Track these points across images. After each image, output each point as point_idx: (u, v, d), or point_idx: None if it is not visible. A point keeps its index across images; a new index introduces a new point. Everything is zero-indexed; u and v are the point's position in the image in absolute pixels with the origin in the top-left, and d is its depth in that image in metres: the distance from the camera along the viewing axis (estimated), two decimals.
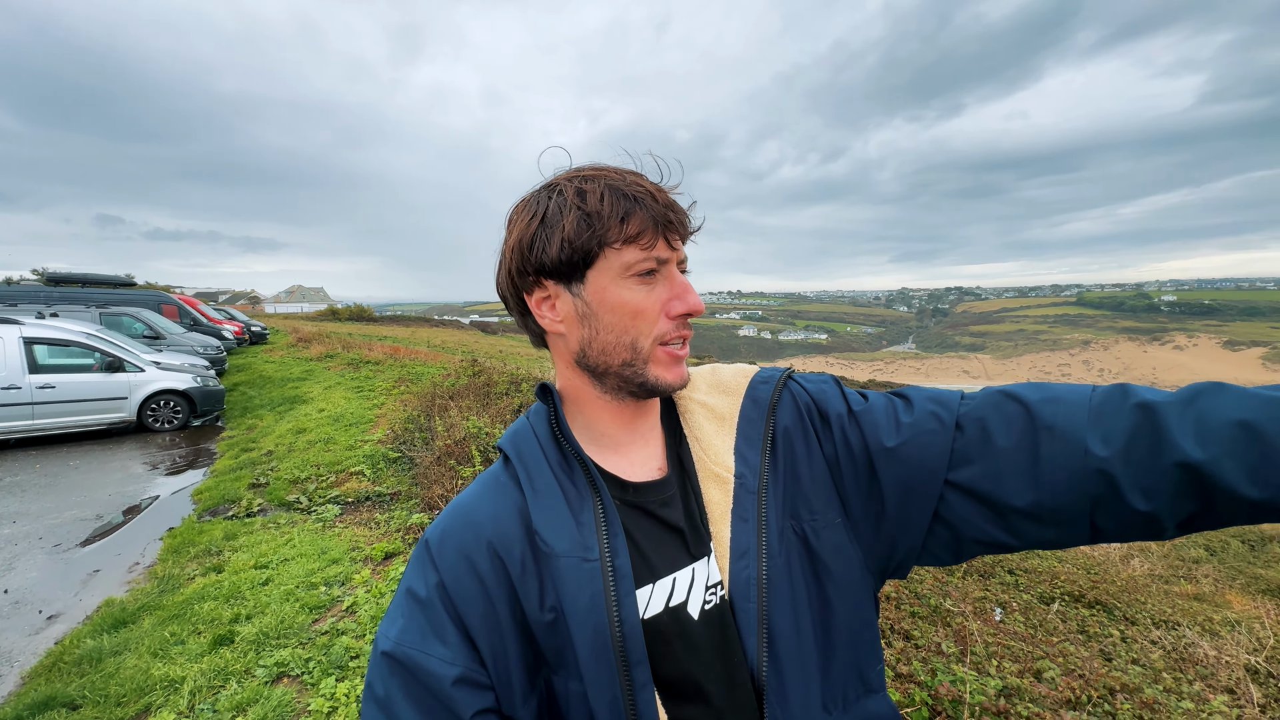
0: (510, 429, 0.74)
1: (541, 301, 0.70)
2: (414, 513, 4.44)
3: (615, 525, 0.65)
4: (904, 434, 0.67)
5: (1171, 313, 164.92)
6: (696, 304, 0.68)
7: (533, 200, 0.69)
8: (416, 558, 0.68)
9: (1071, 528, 0.60)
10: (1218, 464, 0.52)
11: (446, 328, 45.16)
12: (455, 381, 8.49)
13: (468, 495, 0.71)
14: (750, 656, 0.65)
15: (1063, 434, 0.59)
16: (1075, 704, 2.04)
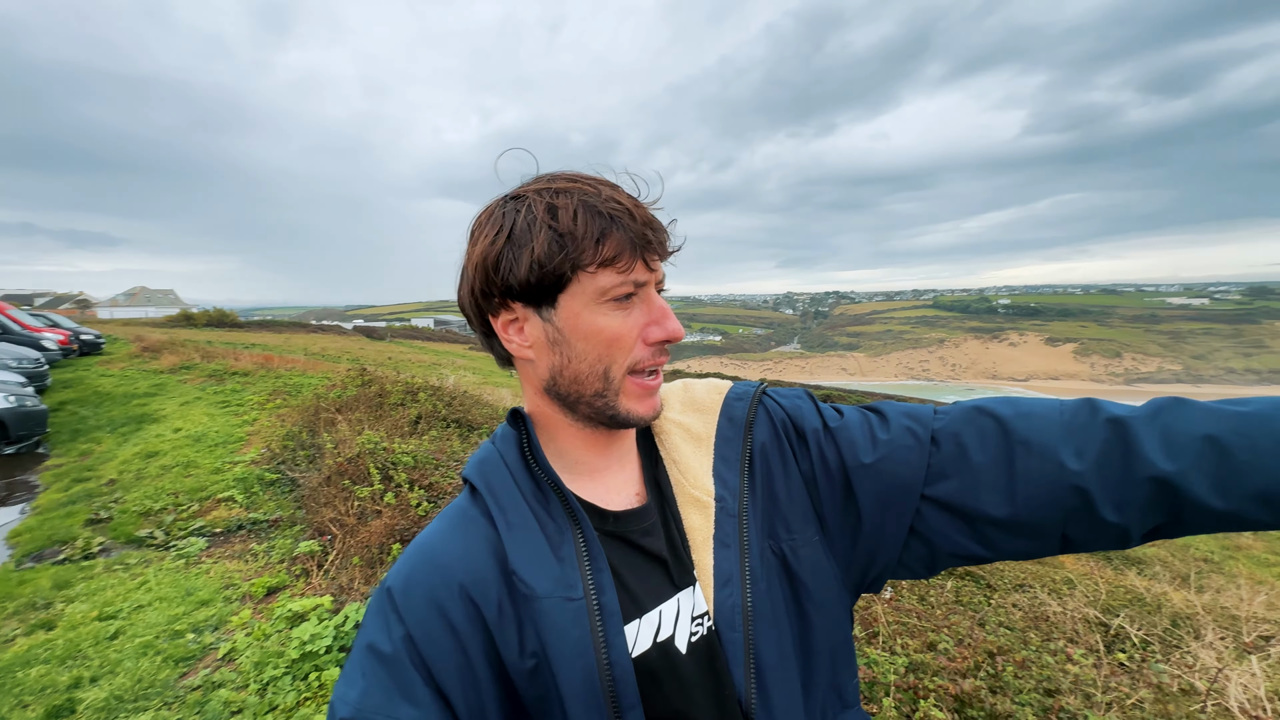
0: (475, 457, 0.68)
1: (508, 325, 0.64)
2: (301, 540, 4.01)
3: (599, 559, 0.61)
4: (880, 450, 0.67)
5: (1006, 314, 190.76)
6: (676, 330, 0.64)
7: (498, 213, 0.62)
8: (377, 609, 0.61)
9: (1044, 539, 0.62)
10: (1186, 477, 0.54)
11: (326, 334, 41.62)
12: (342, 392, 7.81)
13: (432, 534, 0.64)
14: (738, 687, 0.62)
15: (1038, 449, 0.61)
16: (968, 673, 2.25)
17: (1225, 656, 3.03)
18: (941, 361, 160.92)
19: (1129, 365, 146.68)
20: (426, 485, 4.03)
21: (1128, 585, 5.39)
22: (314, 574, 3.55)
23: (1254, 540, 14.68)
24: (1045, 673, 2.36)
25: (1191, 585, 6.42)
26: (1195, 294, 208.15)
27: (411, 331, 71.93)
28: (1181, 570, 7.82)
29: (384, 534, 3.53)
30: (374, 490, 3.94)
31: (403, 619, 0.58)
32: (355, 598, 3.12)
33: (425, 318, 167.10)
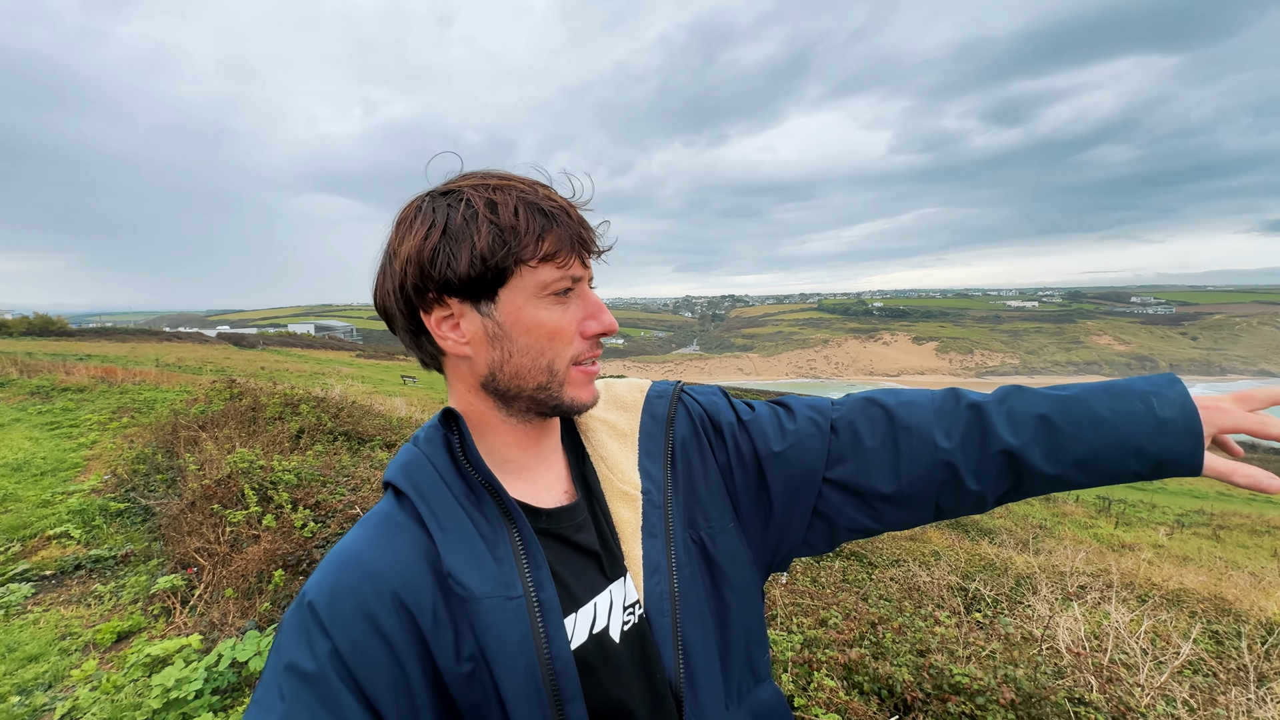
0: (398, 460, 0.66)
1: (442, 321, 0.63)
2: (160, 575, 3.54)
3: (538, 557, 0.61)
4: (789, 439, 0.74)
5: (880, 316, 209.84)
6: (611, 323, 0.66)
7: (427, 208, 0.61)
8: (296, 625, 0.57)
9: (921, 510, 0.72)
10: (1026, 449, 0.66)
11: (185, 342, 36.93)
12: (206, 407, 6.99)
13: (356, 542, 0.61)
14: (668, 670, 0.66)
15: (918, 431, 0.71)
16: (854, 642, 2.47)
17: (1055, 606, 3.55)
18: (826, 360, 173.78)
19: (979, 360, 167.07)
20: (313, 504, 3.72)
21: (982, 553, 6.14)
22: (177, 612, 3.16)
23: (1075, 508, 17.27)
24: (918, 635, 2.65)
25: (1030, 549, 7.44)
26: (1028, 297, 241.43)
27: (289, 339, 65.71)
28: (1022, 537, 9.05)
29: (263, 561, 3.21)
30: (250, 513, 3.58)
31: (328, 633, 0.55)
32: (230, 633, 2.81)
33: (305, 323, 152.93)
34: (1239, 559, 10.60)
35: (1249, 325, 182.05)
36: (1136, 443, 0.64)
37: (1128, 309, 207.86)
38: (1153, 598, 4.63)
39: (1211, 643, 3.78)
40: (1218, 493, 25.65)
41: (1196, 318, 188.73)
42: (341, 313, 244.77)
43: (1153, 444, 0.64)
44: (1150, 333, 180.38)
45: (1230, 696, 2.65)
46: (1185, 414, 0.63)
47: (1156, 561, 8.21)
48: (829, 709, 1.87)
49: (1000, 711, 1.97)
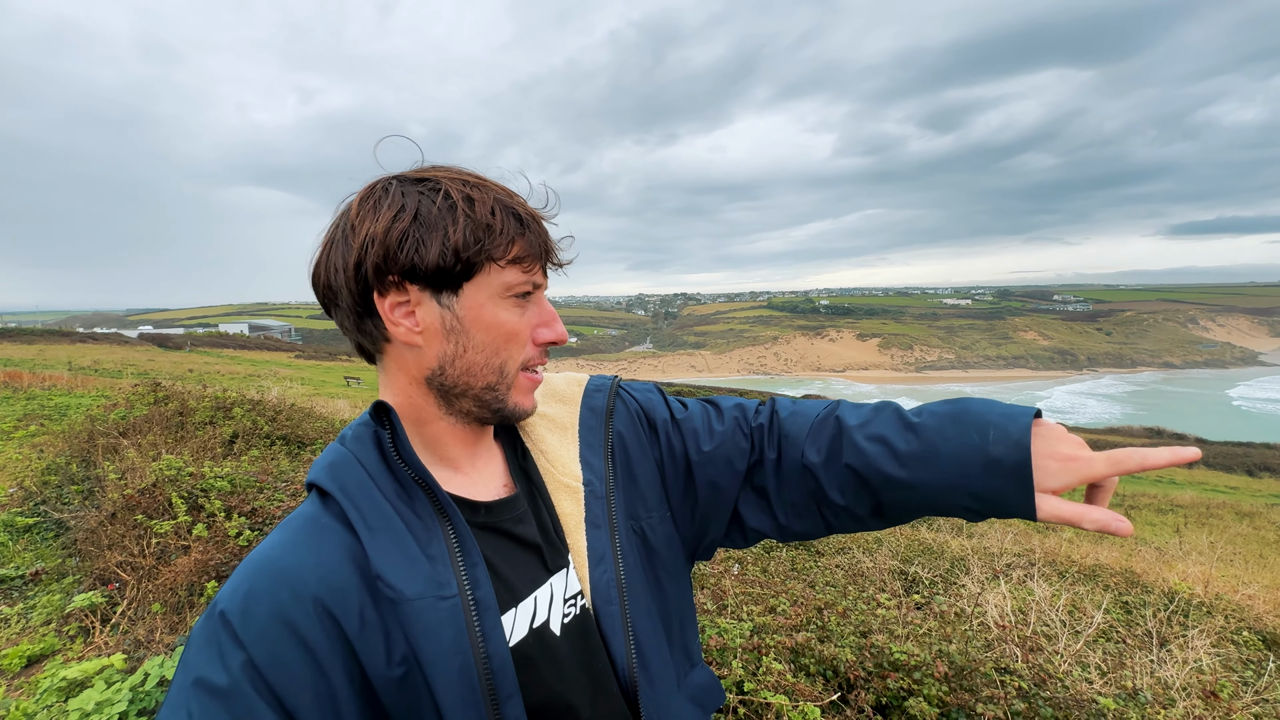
0: (323, 460, 0.63)
1: (397, 306, 0.61)
2: (76, 593, 3.29)
3: (473, 554, 0.60)
4: (716, 440, 0.77)
5: (827, 313, 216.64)
6: (563, 333, 0.67)
7: (396, 190, 0.60)
8: (205, 638, 0.53)
9: (810, 520, 0.75)
10: (869, 473, 0.67)
11: (102, 343, 34.29)
12: (127, 413, 6.52)
13: (274, 546, 0.58)
14: (618, 659, 0.67)
15: (794, 441, 0.74)
16: (801, 627, 2.56)
17: (985, 584, 3.78)
18: (776, 357, 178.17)
19: (918, 355, 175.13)
20: (248, 512, 3.54)
21: (920, 538, 6.45)
22: (96, 632, 2.95)
23: None
24: (861, 618, 2.76)
25: (964, 533, 7.87)
26: (962, 296, 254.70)
27: (220, 339, 62.05)
28: (957, 522, 9.56)
29: (194, 572, 3.04)
30: (179, 523, 3.37)
31: (242, 644, 0.52)
32: (158, 650, 2.65)
33: (238, 323, 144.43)
34: (1147, 535, 11.54)
35: (1155, 321, 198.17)
36: (965, 482, 0.61)
37: (1051, 306, 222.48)
38: (1071, 573, 5.00)
39: (1121, 612, 4.12)
40: (1129, 476, 27.80)
41: (1110, 314, 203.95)
42: (278, 311, 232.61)
43: (980, 483, 0.60)
44: (1070, 328, 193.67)
45: (1136, 659, 2.90)
46: (1016, 453, 0.58)
47: (1075, 540, 8.85)
48: (777, 691, 1.94)
49: (935, 684, 2.09)
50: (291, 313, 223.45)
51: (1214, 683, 2.60)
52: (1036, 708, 2.01)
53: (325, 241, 0.63)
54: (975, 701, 2.03)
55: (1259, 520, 15.90)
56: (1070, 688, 2.18)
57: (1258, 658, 3.56)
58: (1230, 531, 13.08)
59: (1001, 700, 2.02)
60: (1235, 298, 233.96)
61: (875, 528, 0.72)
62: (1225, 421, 68.07)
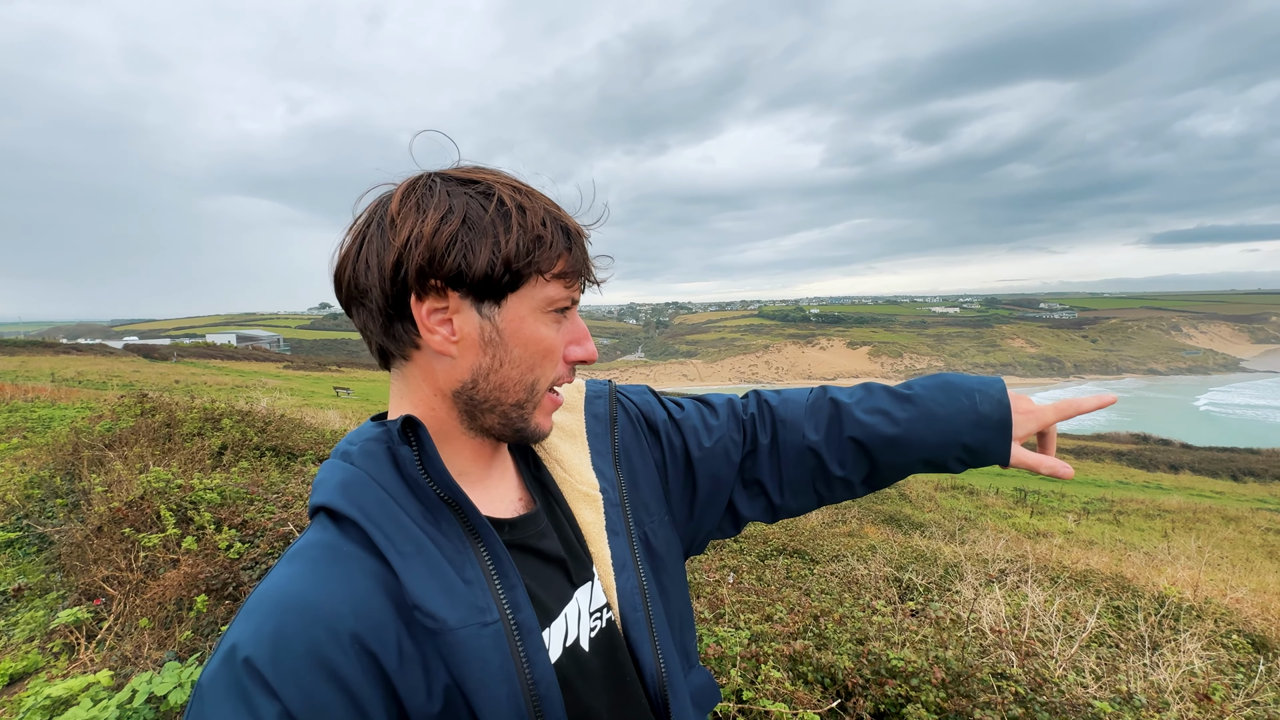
0: (333, 480, 0.58)
1: (434, 312, 0.58)
2: (60, 609, 3.23)
3: (511, 575, 0.57)
4: (714, 435, 0.79)
5: (817, 322, 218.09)
6: (593, 352, 0.65)
7: (440, 190, 0.57)
8: (229, 689, 0.47)
9: (805, 497, 0.81)
10: (872, 440, 0.76)
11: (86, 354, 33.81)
12: (113, 424, 6.43)
13: (295, 579, 0.52)
14: (647, 668, 0.66)
15: (792, 425, 0.80)
16: (798, 634, 2.56)
17: (979, 590, 3.80)
18: (767, 365, 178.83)
19: (908, 363, 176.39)
20: (238, 524, 3.49)
21: (914, 545, 6.48)
22: (82, 648, 2.89)
23: (996, 500, 18.46)
24: (857, 625, 2.77)
25: (957, 539, 7.90)
26: (950, 304, 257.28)
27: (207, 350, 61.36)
28: (950, 529, 9.60)
29: (183, 586, 2.99)
30: (167, 536, 3.32)
31: (276, 693, 0.46)
32: (146, 666, 2.60)
33: (226, 333, 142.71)
34: (1136, 540, 11.65)
35: (1139, 328, 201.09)
36: (960, 436, 0.74)
37: (1037, 314, 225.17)
38: (1063, 579, 5.03)
39: (1114, 616, 4.15)
40: (1118, 482, 28.12)
41: (1095, 322, 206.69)
42: (267, 322, 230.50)
43: (972, 436, 0.74)
44: (1057, 336, 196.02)
45: (1130, 663, 2.92)
46: (1000, 410, 0.74)
47: (1066, 546, 8.92)
48: (775, 699, 1.93)
49: (932, 690, 2.09)
50: (280, 323, 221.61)
51: (1206, 685, 2.62)
52: (1033, 712, 2.02)
53: (354, 235, 0.59)
54: (973, 707, 2.04)
55: (1245, 524, 16.10)
56: (1066, 692, 2.19)
57: (1248, 660, 3.59)
58: (1217, 536, 13.24)
59: (999, 705, 2.03)
60: (1216, 305, 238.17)
61: (862, 494, 0.81)
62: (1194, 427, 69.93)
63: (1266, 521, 16.76)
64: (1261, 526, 15.95)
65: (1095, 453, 35.57)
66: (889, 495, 13.37)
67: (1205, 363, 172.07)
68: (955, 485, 19.35)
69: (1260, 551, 12.45)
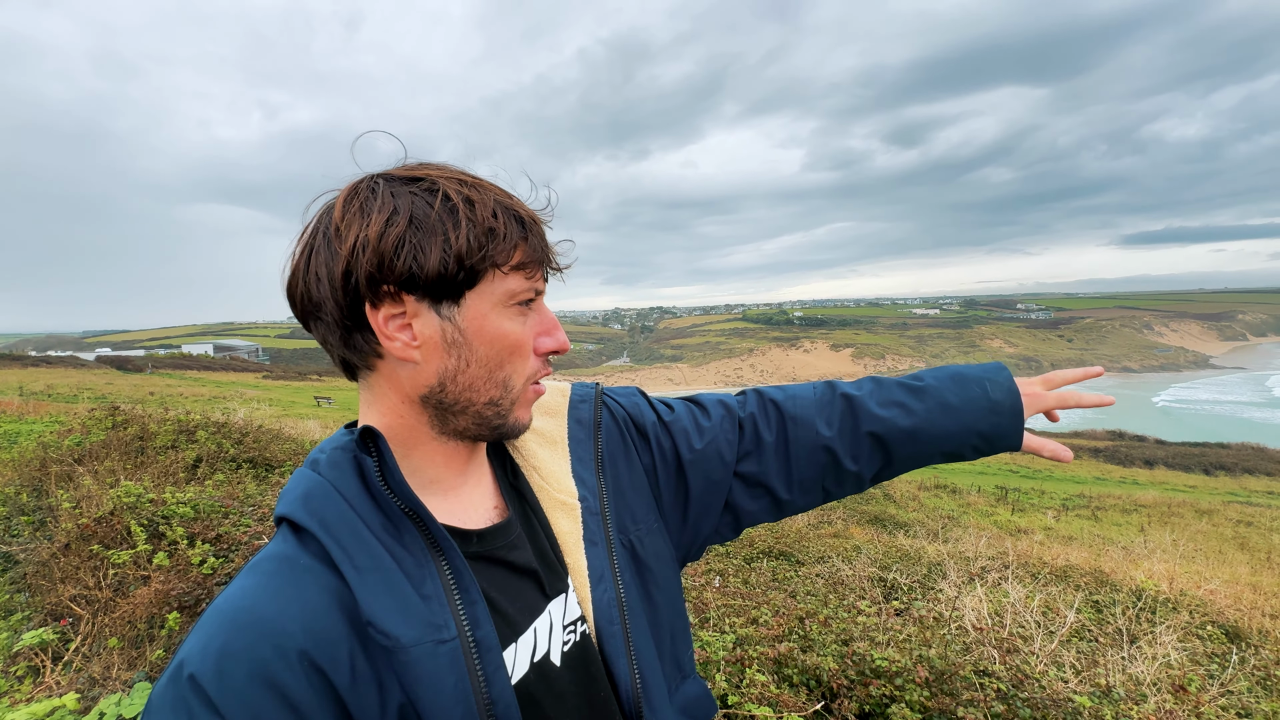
0: (297, 491, 0.56)
1: (391, 319, 0.55)
2: (24, 630, 3.11)
3: (471, 590, 0.55)
4: (706, 437, 0.77)
5: (800, 325, 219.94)
6: (565, 341, 0.63)
7: (384, 191, 0.55)
8: (176, 704, 0.46)
9: (812, 494, 0.79)
10: (890, 433, 0.77)
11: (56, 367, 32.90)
12: (83, 438, 6.25)
13: (246, 594, 0.51)
14: (622, 683, 0.64)
15: (803, 422, 0.78)
16: (783, 637, 2.55)
17: (962, 588, 3.83)
18: (752, 368, 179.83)
19: (890, 364, 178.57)
20: (213, 539, 3.41)
21: (898, 545, 6.53)
22: (47, 670, 2.79)
23: (978, 498, 18.71)
24: (842, 626, 2.78)
25: (940, 538, 7.99)
26: (930, 305, 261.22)
27: (183, 360, 60.08)
28: (933, 528, 9.70)
29: (154, 603, 2.91)
30: (138, 553, 3.23)
31: (218, 710, 0.45)
32: (114, 688, 2.52)
33: (202, 343, 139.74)
34: (1113, 535, 11.87)
35: (1113, 328, 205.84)
36: (976, 424, 0.77)
37: (1015, 315, 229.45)
38: (1044, 575, 5.11)
39: (1093, 611, 4.21)
40: (1094, 478, 28.68)
41: (1071, 322, 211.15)
42: (245, 331, 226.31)
43: (987, 424, 0.77)
44: (1034, 336, 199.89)
45: (1108, 657, 2.97)
46: (1011, 397, 0.78)
47: (1046, 542, 9.06)
48: (761, 703, 1.92)
49: (917, 689, 2.10)
50: (259, 332, 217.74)
51: (1182, 677, 2.67)
52: (1015, 709, 2.03)
53: (302, 247, 0.57)
54: (956, 705, 2.05)
55: (1217, 517, 16.52)
56: (1047, 687, 2.22)
57: (1222, 651, 3.67)
58: (1191, 529, 13.55)
59: (981, 703, 2.04)
60: (1186, 304, 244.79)
61: (869, 486, 0.82)
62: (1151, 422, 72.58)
63: (1237, 514, 17.21)
64: (1233, 519, 16.36)
65: (1073, 449, 36.24)
66: (874, 496, 13.49)
67: (1176, 360, 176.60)
68: (939, 485, 19.59)
69: (1232, 543, 12.77)
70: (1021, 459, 32.50)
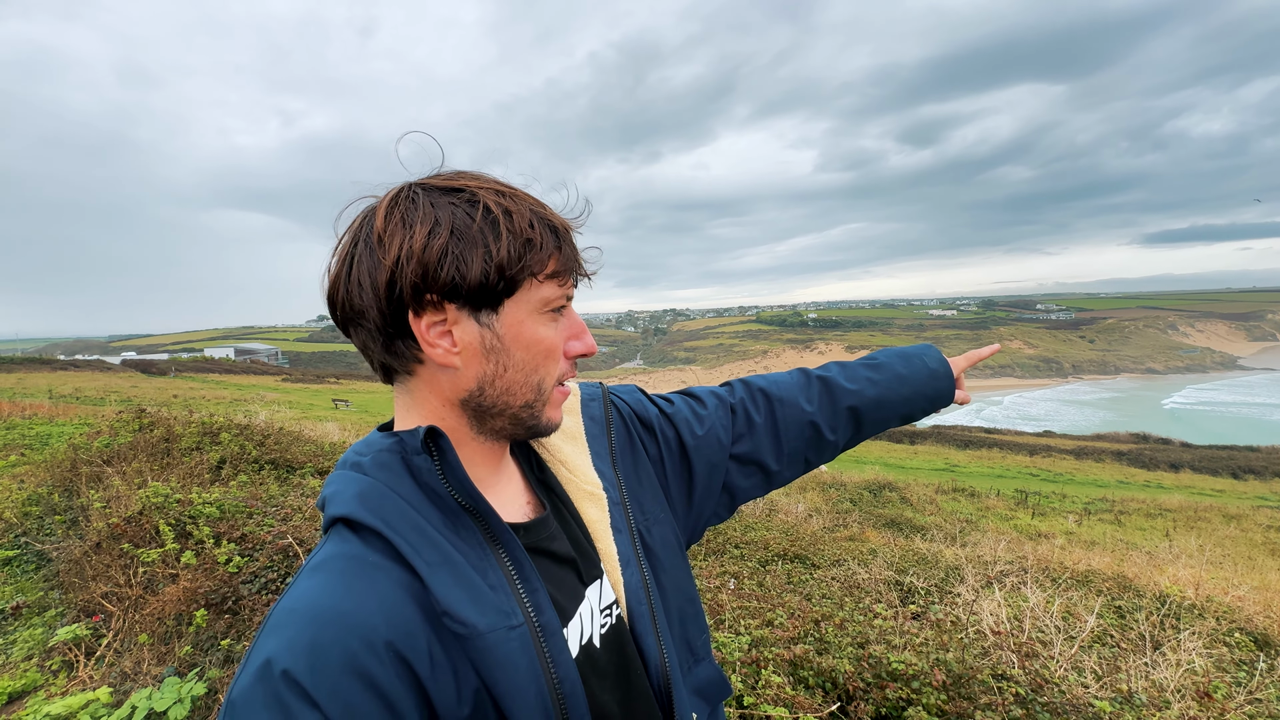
0: (350, 492, 0.58)
1: (433, 326, 0.58)
2: (59, 626, 3.22)
3: (533, 579, 0.59)
4: (706, 424, 0.84)
5: (815, 327, 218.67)
6: (592, 345, 0.66)
7: (424, 202, 0.57)
8: (268, 701, 0.47)
9: (797, 465, 0.90)
10: (863, 404, 0.92)
11: (84, 370, 33.74)
12: (111, 440, 6.42)
13: (324, 593, 0.52)
14: (652, 661, 0.68)
15: (789, 403, 0.89)
16: (798, 639, 2.56)
17: (979, 591, 3.79)
18: (766, 370, 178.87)
19: None
20: (238, 538, 3.49)
21: (915, 549, 6.46)
22: (81, 665, 2.88)
23: (997, 501, 18.42)
24: (858, 629, 2.77)
25: (958, 542, 7.89)
26: (947, 306, 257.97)
27: (205, 364, 61.26)
28: (951, 531, 9.58)
29: (183, 601, 2.98)
30: (166, 551, 3.31)
31: (317, 703, 0.46)
32: (145, 682, 2.59)
33: (224, 347, 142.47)
34: (1137, 540, 11.63)
35: (1136, 328, 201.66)
36: (923, 389, 0.98)
37: (1034, 315, 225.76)
38: (1064, 579, 5.03)
39: (1115, 616, 4.14)
40: (1118, 482, 28.08)
41: (1092, 322, 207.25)
42: (265, 335, 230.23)
43: (930, 387, 0.98)
44: (1055, 337, 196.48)
45: (1130, 662, 2.92)
46: (944, 365, 1.01)
47: (1067, 547, 8.90)
48: (776, 704, 1.93)
49: (933, 693, 2.09)
50: (278, 336, 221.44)
51: (1208, 684, 2.62)
52: (1034, 713, 2.02)
53: (342, 255, 0.59)
54: (973, 709, 2.04)
55: (1246, 522, 16.09)
56: (1066, 692, 2.19)
57: (1249, 658, 3.59)
58: (1218, 534, 13.22)
59: (999, 707, 2.03)
60: (1212, 304, 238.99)
61: (841, 452, 0.97)
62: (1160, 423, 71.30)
63: (1267, 519, 16.75)
64: (1263, 524, 15.93)
65: (1095, 453, 35.57)
66: (890, 499, 13.36)
67: (1203, 361, 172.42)
68: (956, 488, 19.33)
69: (1262, 549, 12.44)
70: (1043, 462, 31.98)
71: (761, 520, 7.18)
